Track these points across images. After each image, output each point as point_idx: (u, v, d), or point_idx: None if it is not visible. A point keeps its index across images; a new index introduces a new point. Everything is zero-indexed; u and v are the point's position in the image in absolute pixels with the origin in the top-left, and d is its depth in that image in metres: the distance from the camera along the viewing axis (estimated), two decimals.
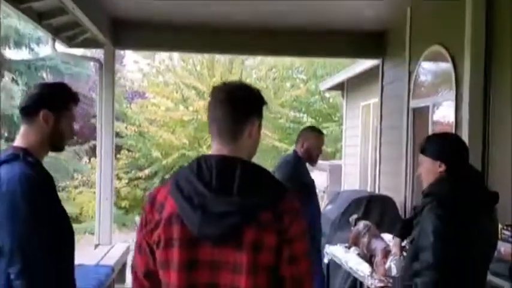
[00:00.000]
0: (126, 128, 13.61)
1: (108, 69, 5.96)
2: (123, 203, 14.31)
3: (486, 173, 3.65)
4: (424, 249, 1.94)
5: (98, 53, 6.37)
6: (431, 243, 1.91)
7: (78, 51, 7.20)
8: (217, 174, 1.52)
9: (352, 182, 8.74)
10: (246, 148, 1.62)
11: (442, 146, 2.10)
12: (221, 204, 1.48)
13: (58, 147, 2.05)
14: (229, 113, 1.58)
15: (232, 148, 1.59)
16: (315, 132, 3.94)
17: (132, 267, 1.65)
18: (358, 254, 3.80)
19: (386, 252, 3.40)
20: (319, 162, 10.99)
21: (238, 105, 1.58)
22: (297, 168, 3.68)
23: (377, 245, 3.57)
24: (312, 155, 3.80)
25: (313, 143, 3.78)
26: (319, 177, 9.18)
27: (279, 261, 1.54)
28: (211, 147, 1.65)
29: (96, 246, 5.88)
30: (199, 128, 13.64)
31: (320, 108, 16.67)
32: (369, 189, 7.15)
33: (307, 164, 3.87)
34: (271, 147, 14.33)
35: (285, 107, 15.49)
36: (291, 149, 14.30)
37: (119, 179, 14.34)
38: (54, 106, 1.97)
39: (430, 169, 2.08)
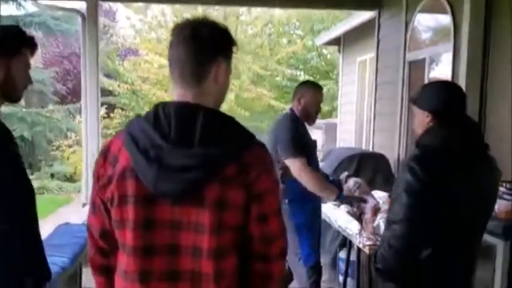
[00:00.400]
0: (118, 86, 13.35)
1: (91, 22, 5.67)
2: None
3: (483, 127, 3.48)
4: (393, 202, 1.80)
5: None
6: (400, 197, 1.76)
7: (63, 4, 6.88)
8: (176, 123, 1.34)
9: (348, 140, 8.58)
10: (211, 94, 1.43)
11: (430, 94, 1.91)
12: (180, 157, 1.32)
13: (12, 97, 1.85)
14: (192, 52, 1.38)
15: (196, 93, 1.40)
16: (312, 87, 3.51)
17: (87, 226, 1.50)
18: (348, 212, 3.67)
19: (376, 210, 3.26)
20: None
21: (203, 43, 1.39)
22: (296, 130, 3.32)
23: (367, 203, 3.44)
24: (310, 113, 3.42)
25: (311, 100, 3.39)
26: (314, 136, 8.99)
27: (247, 220, 1.39)
28: (173, 93, 1.47)
29: (84, 205, 5.76)
30: None
31: (317, 65, 16.37)
32: (364, 147, 7.00)
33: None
34: (268, 107, 14.13)
35: (281, 64, 15.18)
36: (288, 107, 14.21)
37: None
38: (3, 51, 1.77)
39: (420, 120, 1.91)
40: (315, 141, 3.62)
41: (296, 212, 3.26)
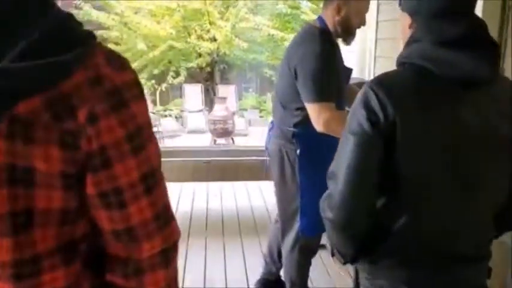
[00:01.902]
0: (108, 18, 12.49)
1: None
2: None
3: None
4: (339, 146, 1.18)
5: None
6: (345, 141, 1.14)
7: None
8: None
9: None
10: None
11: None
12: None
13: None
14: None
15: None
16: None
17: None
18: None
19: None
20: None
21: None
22: (328, 56, 2.29)
23: None
24: (352, 28, 2.41)
25: (357, 8, 2.36)
26: None
27: (83, 201, 0.79)
28: None
29: None
30: (186, 16, 12.49)
31: None
32: (366, 77, 6.31)
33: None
34: (268, 37, 13.22)
35: None
36: (289, 38, 13.34)
37: None
38: None
39: (403, 26, 1.28)
40: (350, 70, 2.69)
41: (303, 167, 2.45)
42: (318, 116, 2.26)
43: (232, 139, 9.54)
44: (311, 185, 2.45)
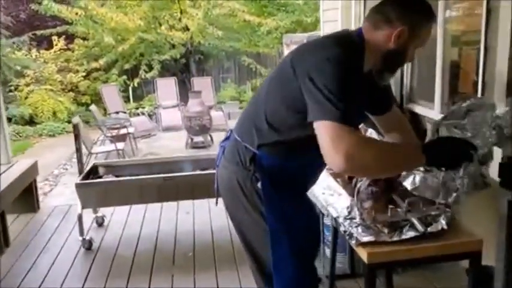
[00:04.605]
0: (70, 12, 11.55)
1: None
2: (84, 99, 12.76)
3: None
4: None
5: None
6: None
7: None
8: None
9: None
10: None
11: None
12: None
13: None
14: None
15: None
16: (431, 18, 1.73)
17: None
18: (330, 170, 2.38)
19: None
20: (296, 35, 9.34)
21: None
22: (350, 71, 1.58)
23: None
24: (400, 63, 1.80)
25: (422, 41, 1.74)
26: None
27: None
28: None
29: None
30: (155, 5, 11.63)
31: None
32: None
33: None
34: (244, 23, 12.42)
35: None
36: (266, 23, 12.59)
37: (75, 72, 12.67)
38: None
39: None
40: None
41: (270, 207, 1.74)
42: (334, 144, 1.45)
43: (211, 136, 8.78)
44: (282, 231, 1.72)
